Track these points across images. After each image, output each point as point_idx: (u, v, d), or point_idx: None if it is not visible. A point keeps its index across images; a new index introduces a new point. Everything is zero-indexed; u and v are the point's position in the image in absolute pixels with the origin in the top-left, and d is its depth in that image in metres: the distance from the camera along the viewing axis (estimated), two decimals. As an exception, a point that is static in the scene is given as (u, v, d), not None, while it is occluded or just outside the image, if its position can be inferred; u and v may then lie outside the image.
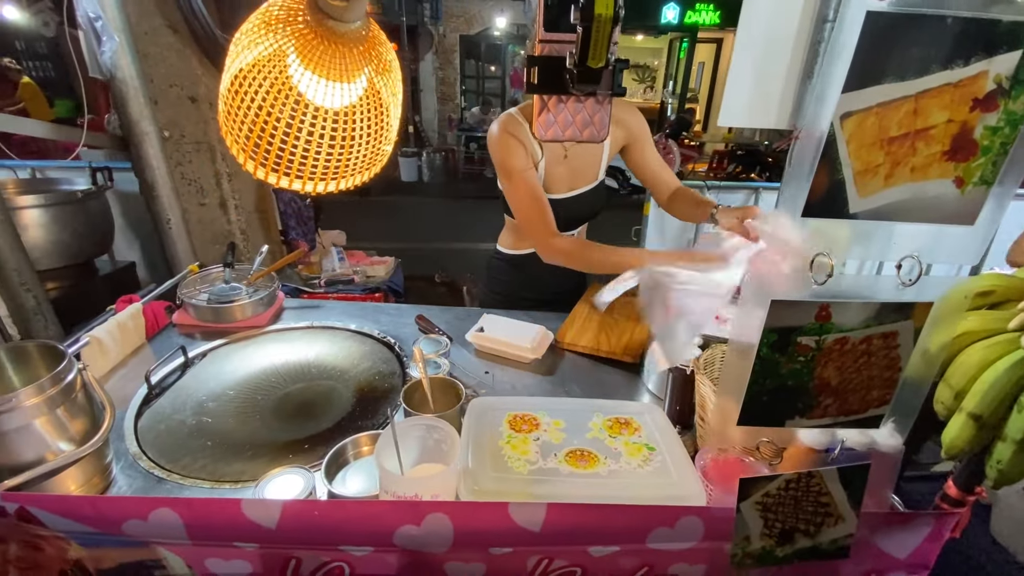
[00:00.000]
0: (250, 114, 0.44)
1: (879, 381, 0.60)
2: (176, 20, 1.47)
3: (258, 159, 0.46)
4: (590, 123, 0.52)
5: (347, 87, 0.45)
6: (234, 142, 0.47)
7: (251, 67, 0.43)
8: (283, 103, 0.43)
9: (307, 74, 0.43)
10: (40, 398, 0.72)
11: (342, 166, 0.48)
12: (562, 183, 1.39)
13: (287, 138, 0.44)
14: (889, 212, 0.51)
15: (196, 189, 1.68)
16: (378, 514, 0.64)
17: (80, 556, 0.70)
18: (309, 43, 0.42)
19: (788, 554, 0.69)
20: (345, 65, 0.43)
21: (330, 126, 0.46)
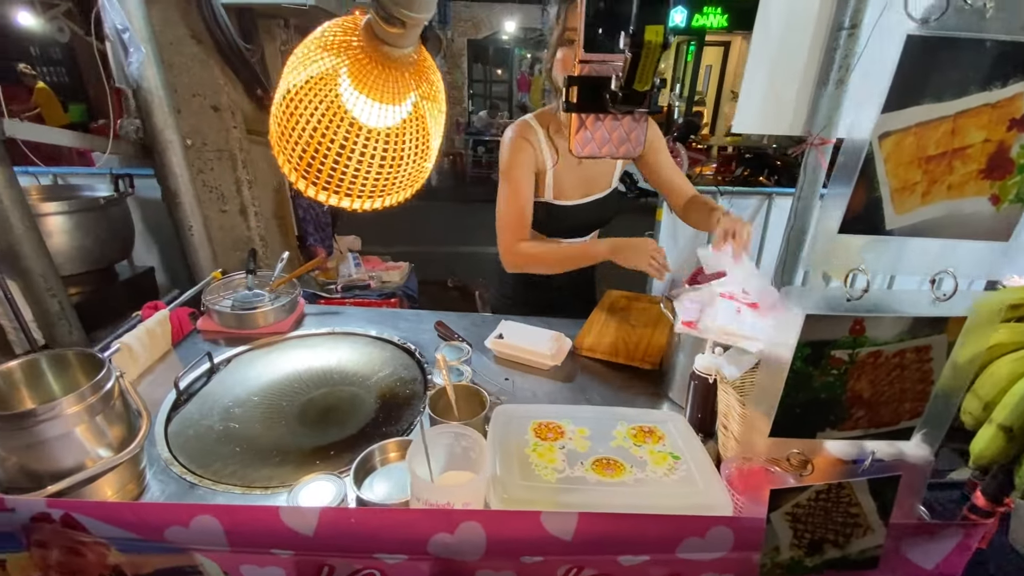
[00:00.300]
0: (304, 135, 0.46)
1: (911, 394, 0.60)
2: (200, 31, 1.49)
3: (310, 178, 0.48)
4: (627, 140, 0.53)
5: (395, 108, 0.46)
6: (286, 161, 0.48)
7: (304, 85, 0.45)
8: (337, 124, 0.45)
9: (359, 96, 0.45)
10: (81, 406, 0.74)
11: (389, 184, 0.49)
12: (575, 190, 1.40)
13: (339, 158, 0.46)
14: (925, 229, 0.51)
15: (217, 196, 1.71)
16: (412, 522, 0.66)
17: (119, 562, 0.71)
18: (364, 67, 0.43)
19: (817, 564, 0.70)
20: (396, 88, 0.45)
21: (381, 146, 0.47)
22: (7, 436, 0.70)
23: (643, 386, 1.23)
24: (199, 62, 1.54)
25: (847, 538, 0.69)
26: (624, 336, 1.33)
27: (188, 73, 1.55)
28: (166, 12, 1.47)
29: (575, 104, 0.50)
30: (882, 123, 0.46)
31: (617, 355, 1.27)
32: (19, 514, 0.64)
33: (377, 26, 0.43)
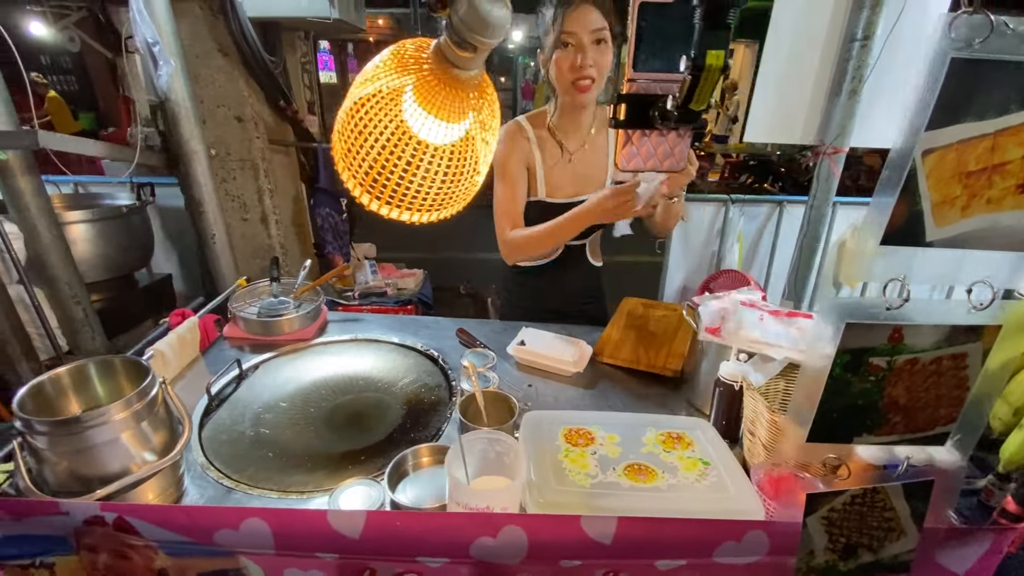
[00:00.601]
0: (372, 152, 0.48)
1: (947, 400, 0.62)
2: (226, 44, 1.53)
3: (374, 193, 0.50)
4: (671, 154, 0.55)
5: (458, 126, 0.48)
6: (351, 177, 0.50)
7: (374, 105, 0.47)
8: (406, 143, 0.47)
9: (427, 116, 0.47)
10: (127, 412, 0.76)
11: (448, 197, 0.51)
12: (565, 187, 1.42)
13: (405, 174, 0.48)
14: (964, 241, 0.53)
15: (239, 205, 1.74)
16: (457, 526, 0.67)
17: (165, 566, 0.73)
18: (432, 87, 0.46)
19: (851, 569, 0.71)
20: (460, 107, 0.47)
21: (444, 162, 0.49)
22: (58, 441, 0.72)
23: (664, 393, 1.24)
24: (225, 74, 1.57)
25: (881, 542, 0.70)
26: (644, 343, 1.35)
27: (214, 85, 1.59)
28: (194, 26, 1.51)
29: (623, 121, 0.52)
30: (926, 140, 0.48)
31: (638, 362, 1.29)
32: (72, 517, 0.66)
33: (448, 50, 0.45)
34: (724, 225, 2.53)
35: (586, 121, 1.41)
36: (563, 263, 1.54)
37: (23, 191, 1.46)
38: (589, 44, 1.21)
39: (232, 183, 1.71)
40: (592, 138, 1.42)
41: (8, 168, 1.40)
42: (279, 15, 1.54)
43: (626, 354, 1.31)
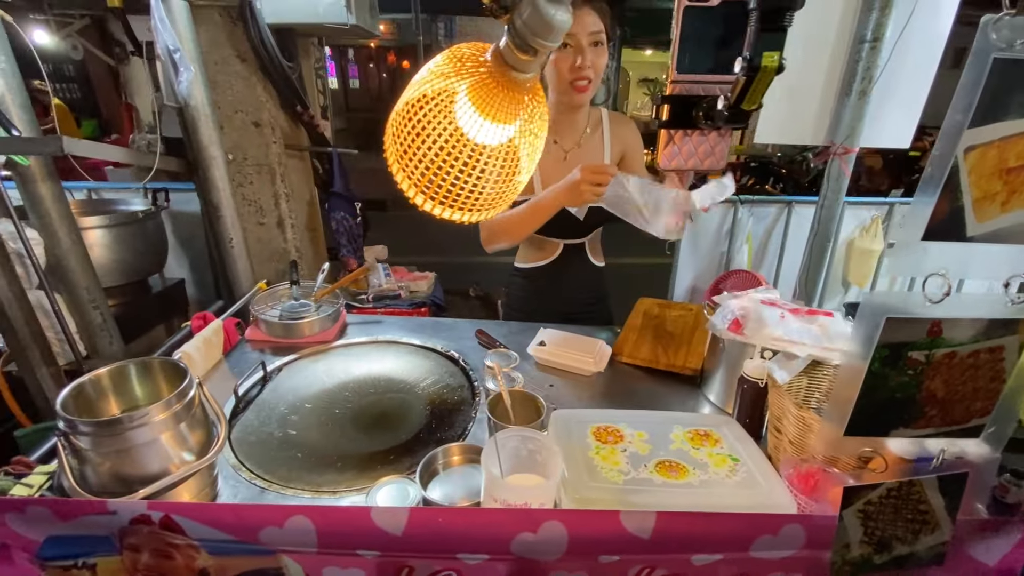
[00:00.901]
0: (429, 154, 0.49)
1: (983, 393, 0.63)
2: (244, 50, 1.54)
3: (429, 193, 0.51)
4: (711, 153, 0.56)
5: (510, 127, 0.50)
6: (406, 178, 0.51)
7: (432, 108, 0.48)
8: (464, 144, 0.48)
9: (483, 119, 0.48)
10: (167, 413, 0.77)
11: (498, 196, 0.52)
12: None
13: (460, 175, 0.49)
14: (1004, 235, 0.54)
15: (255, 209, 1.75)
16: (498, 522, 0.68)
17: (206, 565, 0.73)
18: (491, 90, 0.47)
19: (886, 561, 0.72)
20: (514, 109, 0.48)
21: (498, 163, 0.50)
22: (101, 442, 0.73)
23: (684, 392, 1.25)
24: (242, 80, 1.59)
25: (915, 535, 0.71)
26: (663, 343, 1.36)
27: (232, 91, 1.60)
28: (213, 33, 1.52)
29: (667, 121, 0.54)
30: (968, 138, 0.49)
31: (658, 362, 1.30)
32: (120, 516, 0.66)
33: (509, 53, 0.46)
34: (733, 226, 2.55)
35: (581, 121, 1.43)
36: (563, 263, 1.54)
37: (43, 197, 1.47)
38: (587, 46, 1.22)
39: (249, 188, 1.73)
40: (587, 137, 1.44)
41: (29, 174, 1.41)
42: (297, 21, 1.55)
43: (645, 354, 1.32)
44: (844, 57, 1.78)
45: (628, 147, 1.48)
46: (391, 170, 0.52)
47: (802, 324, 1.06)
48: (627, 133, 1.47)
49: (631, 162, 1.49)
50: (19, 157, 1.26)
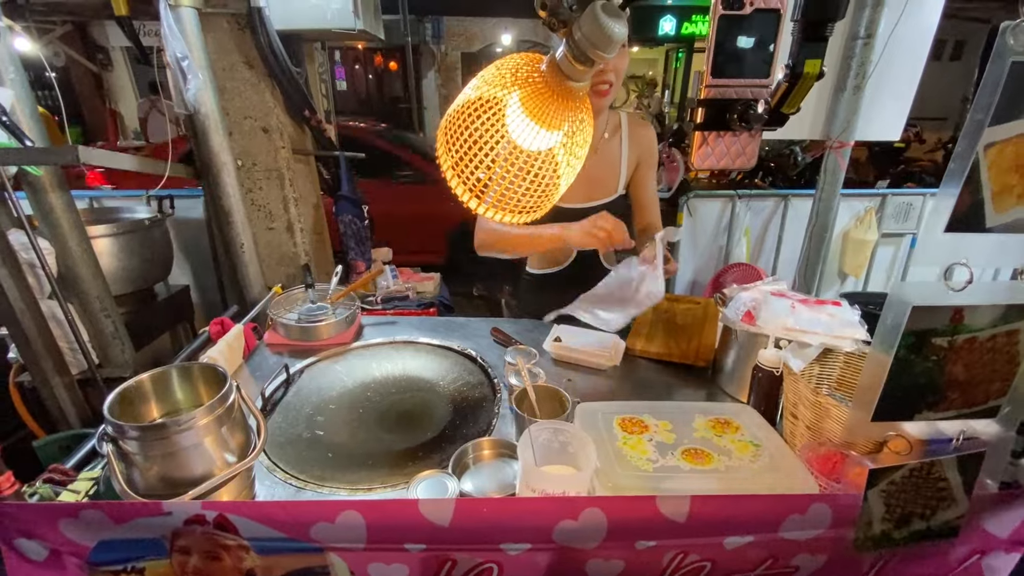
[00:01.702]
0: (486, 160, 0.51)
1: (1000, 375, 0.67)
2: (252, 57, 1.55)
3: (484, 198, 0.53)
4: (742, 153, 0.59)
5: (558, 133, 0.52)
6: (461, 183, 0.54)
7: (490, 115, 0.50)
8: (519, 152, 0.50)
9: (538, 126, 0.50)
10: (211, 417, 0.79)
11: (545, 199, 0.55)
12: (577, 192, 1.38)
13: (515, 180, 0.51)
14: (1020, 226, 0.58)
15: (265, 214, 1.76)
16: (541, 510, 0.71)
17: (254, 566, 0.75)
18: (544, 96, 0.49)
19: (904, 536, 0.76)
20: (564, 115, 0.51)
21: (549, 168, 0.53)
22: (148, 445, 0.75)
23: (697, 383, 1.28)
24: (251, 86, 1.60)
25: (933, 511, 0.75)
26: (675, 336, 1.39)
27: (240, 97, 1.61)
28: (221, 40, 1.53)
29: (701, 124, 0.57)
30: (988, 135, 0.53)
31: (671, 354, 1.33)
32: (174, 517, 0.68)
33: (567, 64, 0.49)
34: (731, 220, 2.60)
35: (600, 125, 1.41)
36: (577, 268, 1.55)
37: (54, 206, 1.47)
38: None
39: (258, 193, 1.74)
40: (605, 143, 1.43)
41: (40, 184, 1.41)
42: (305, 27, 1.56)
43: (658, 347, 1.36)
44: (839, 53, 1.83)
45: (643, 153, 1.45)
46: (445, 176, 0.54)
47: (812, 314, 1.09)
48: (645, 139, 1.44)
49: (644, 168, 1.48)
50: (32, 167, 1.26)
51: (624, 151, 1.44)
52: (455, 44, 9.91)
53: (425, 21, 9.54)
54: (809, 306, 1.12)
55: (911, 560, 0.81)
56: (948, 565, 0.82)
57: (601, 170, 1.44)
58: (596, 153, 1.41)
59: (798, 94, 0.48)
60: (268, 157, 1.68)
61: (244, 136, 1.64)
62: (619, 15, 0.46)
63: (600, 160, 1.42)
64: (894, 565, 0.81)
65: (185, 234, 2.33)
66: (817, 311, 1.11)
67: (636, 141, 1.42)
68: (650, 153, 1.47)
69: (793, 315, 1.10)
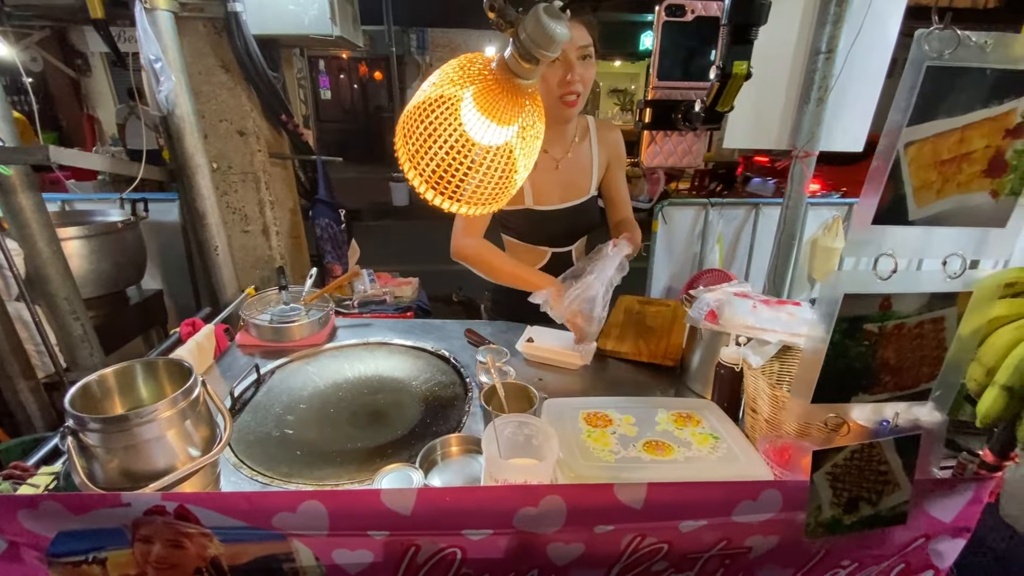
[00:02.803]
0: (440, 153, 0.54)
1: (929, 359, 0.71)
2: (228, 61, 1.56)
3: (439, 189, 0.56)
4: (689, 152, 0.63)
5: (511, 128, 0.55)
6: (418, 175, 0.56)
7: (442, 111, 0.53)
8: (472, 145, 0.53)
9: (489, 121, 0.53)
10: (174, 410, 0.79)
11: (500, 191, 0.57)
12: (553, 194, 1.47)
13: (468, 172, 0.54)
14: (940, 219, 0.63)
15: (240, 217, 1.76)
16: (502, 497, 0.72)
17: (218, 553, 0.75)
18: (495, 93, 0.52)
19: (854, 522, 0.79)
20: (515, 112, 0.53)
21: (502, 161, 0.55)
22: (109, 438, 0.75)
23: (666, 381, 1.32)
24: (227, 90, 1.61)
25: (879, 495, 0.78)
26: (644, 336, 1.43)
27: (216, 100, 1.62)
28: (197, 43, 1.54)
29: (649, 123, 0.60)
30: (907, 134, 0.57)
31: (640, 354, 1.36)
32: (134, 508, 0.68)
33: (514, 62, 0.52)
34: (704, 228, 2.66)
35: (570, 131, 1.46)
36: (551, 268, 1.57)
37: (23, 207, 1.46)
38: (576, 60, 1.22)
39: (234, 196, 1.74)
40: (576, 146, 1.48)
41: (9, 184, 1.40)
42: (281, 32, 1.58)
43: (628, 347, 1.39)
44: (802, 67, 1.91)
45: (613, 155, 1.53)
46: (402, 167, 0.57)
47: (772, 313, 1.14)
48: (613, 140, 1.52)
49: (614, 167, 1.54)
50: (2, 167, 1.25)
51: (594, 154, 1.49)
52: (439, 55, 10.01)
53: (410, 32, 9.64)
54: (770, 306, 1.17)
55: (859, 543, 0.84)
56: (894, 547, 0.86)
57: (574, 173, 1.48)
58: (569, 157, 1.46)
59: (729, 93, 0.51)
60: (244, 160, 1.68)
61: (220, 139, 1.65)
62: (560, 17, 0.50)
63: (572, 163, 1.47)
64: (843, 546, 0.84)
65: (160, 238, 2.30)
66: (777, 310, 1.15)
67: (605, 143, 1.48)
68: (618, 154, 1.53)
69: (754, 314, 1.14)
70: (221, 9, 1.51)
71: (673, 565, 0.81)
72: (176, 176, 1.60)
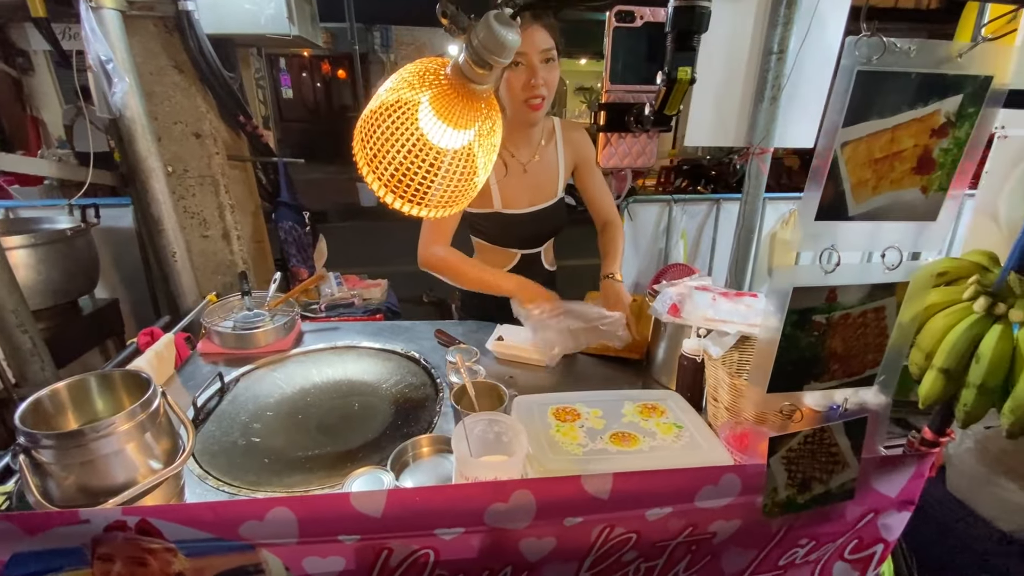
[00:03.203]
0: (398, 157, 0.54)
1: (873, 347, 0.75)
2: (182, 61, 1.51)
3: (398, 192, 0.56)
4: (643, 153, 0.65)
5: (468, 132, 0.56)
6: (376, 179, 0.56)
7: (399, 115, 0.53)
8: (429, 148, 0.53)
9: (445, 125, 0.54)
10: (132, 423, 0.77)
11: (459, 195, 0.58)
12: (522, 199, 1.48)
13: (427, 176, 0.54)
14: (876, 214, 0.67)
15: (199, 222, 1.71)
16: (472, 495, 0.73)
17: (183, 569, 0.73)
18: (451, 99, 0.52)
19: (807, 500, 0.83)
20: (472, 116, 0.54)
21: (459, 164, 0.56)
22: (64, 454, 0.72)
23: (632, 374, 1.35)
24: (181, 91, 1.55)
25: (829, 474, 0.83)
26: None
27: (170, 101, 1.56)
28: (148, 43, 1.49)
29: (604, 125, 0.62)
30: (842, 135, 0.60)
31: (608, 349, 1.39)
32: (93, 525, 0.66)
33: (467, 68, 0.52)
34: (669, 224, 2.73)
35: (536, 134, 1.47)
36: (520, 270, 1.59)
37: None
38: (539, 63, 1.25)
39: (191, 199, 1.68)
40: (542, 149, 1.48)
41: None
42: (237, 32, 1.54)
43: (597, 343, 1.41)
44: (757, 67, 1.98)
45: (580, 155, 1.54)
46: (361, 172, 0.57)
47: (731, 305, 1.18)
48: (579, 140, 1.53)
49: (584, 168, 1.55)
50: (-64, 173, 1.18)
51: (560, 155, 1.50)
52: (404, 53, 9.89)
53: (373, 30, 9.49)
54: (728, 298, 1.21)
55: (814, 522, 0.89)
56: (847, 524, 0.91)
57: (541, 177, 1.49)
58: (536, 160, 1.47)
59: (675, 97, 0.54)
60: (201, 163, 1.63)
61: (174, 141, 1.60)
62: (511, 24, 0.51)
63: (539, 167, 1.48)
64: (800, 525, 0.89)
65: (114, 245, 2.21)
66: (736, 302, 1.19)
67: (570, 144, 1.50)
68: (585, 153, 1.54)
69: (713, 307, 1.18)
70: (172, 8, 1.45)
71: (642, 555, 0.84)
72: (129, 180, 1.54)
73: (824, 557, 0.93)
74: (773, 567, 0.90)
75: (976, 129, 0.62)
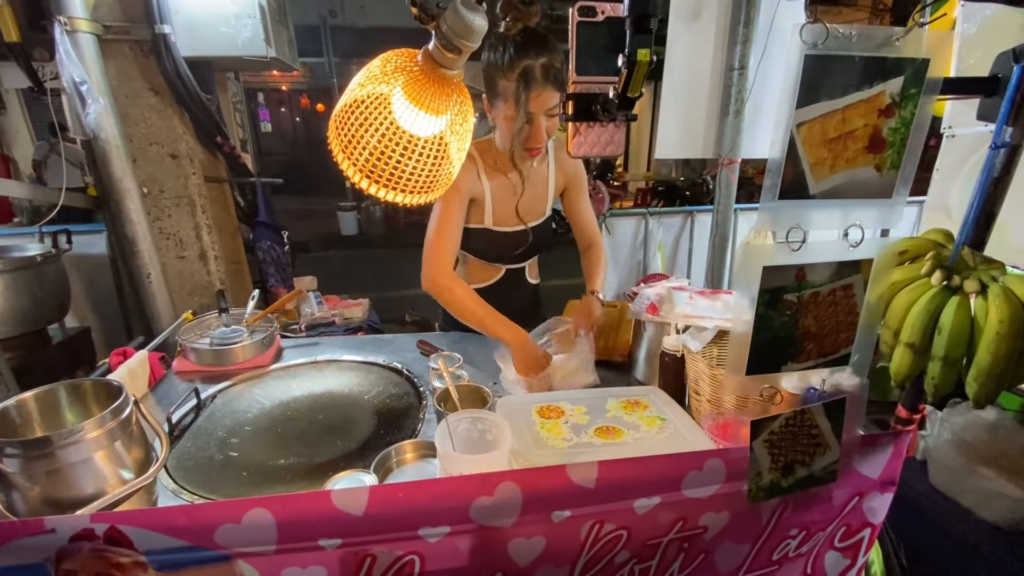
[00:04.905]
0: (371, 142, 0.55)
1: (845, 325, 0.77)
2: (158, 83, 1.52)
3: (373, 177, 0.57)
4: (611, 142, 0.67)
5: (441, 118, 0.57)
6: (351, 165, 0.57)
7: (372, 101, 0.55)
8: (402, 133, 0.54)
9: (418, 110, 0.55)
10: (101, 431, 0.74)
11: (434, 181, 0.59)
12: (512, 217, 1.49)
13: (401, 160, 0.55)
14: (835, 192, 0.70)
15: (175, 243, 1.69)
16: (456, 489, 0.72)
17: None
18: (423, 85, 0.54)
19: (791, 484, 0.84)
20: (444, 101, 0.56)
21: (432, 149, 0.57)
22: (29, 463, 0.70)
23: (615, 374, 1.36)
24: (157, 112, 1.56)
25: (811, 457, 0.84)
26: (595, 335, 1.47)
27: (145, 123, 1.56)
28: (123, 67, 1.49)
29: (572, 115, 0.64)
30: (798, 116, 0.64)
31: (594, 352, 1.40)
32: (58, 535, 0.63)
33: (438, 53, 0.54)
34: (646, 236, 2.79)
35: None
36: (505, 284, 1.61)
37: (-74, 240, 1.34)
38: (543, 117, 1.26)
39: (167, 220, 1.67)
40: (535, 171, 1.50)
41: (-91, 216, 1.29)
42: (214, 55, 1.56)
43: (579, 347, 1.42)
44: (720, 83, 2.07)
45: (570, 177, 1.56)
46: (336, 159, 0.58)
47: (708, 302, 1.20)
48: (571, 163, 1.56)
49: (574, 190, 1.58)
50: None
51: (551, 175, 1.52)
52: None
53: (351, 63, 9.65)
54: (705, 296, 1.24)
55: (802, 509, 0.89)
56: (834, 510, 0.91)
57: (531, 196, 1.51)
58: (527, 180, 1.48)
59: (636, 79, 0.56)
60: (177, 184, 1.62)
61: (150, 163, 1.59)
62: (477, 9, 0.53)
63: (531, 187, 1.49)
64: (788, 515, 0.89)
65: (86, 272, 2.16)
66: (712, 300, 1.22)
67: (562, 166, 1.52)
68: (577, 176, 1.57)
69: (691, 304, 1.20)
70: (148, 32, 1.47)
71: (635, 555, 0.83)
72: (102, 202, 1.52)
73: (815, 548, 0.93)
74: (767, 562, 0.90)
75: (919, 109, 0.66)
